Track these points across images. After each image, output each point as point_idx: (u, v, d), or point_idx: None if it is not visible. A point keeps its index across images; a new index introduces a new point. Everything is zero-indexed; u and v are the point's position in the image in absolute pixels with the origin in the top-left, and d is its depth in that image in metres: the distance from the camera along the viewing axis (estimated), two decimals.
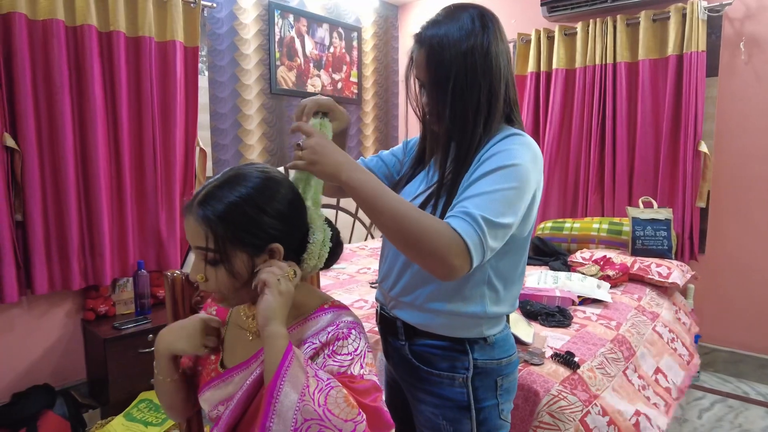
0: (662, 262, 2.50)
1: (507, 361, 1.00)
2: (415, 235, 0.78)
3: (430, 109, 0.94)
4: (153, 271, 2.51)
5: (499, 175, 0.83)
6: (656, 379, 1.80)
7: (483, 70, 0.88)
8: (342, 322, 0.81)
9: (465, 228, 0.78)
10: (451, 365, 0.97)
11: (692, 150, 2.65)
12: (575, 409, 1.36)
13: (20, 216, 2.08)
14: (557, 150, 3.12)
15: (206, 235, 0.75)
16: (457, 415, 0.97)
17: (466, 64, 0.87)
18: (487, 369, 0.97)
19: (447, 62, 0.87)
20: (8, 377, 2.19)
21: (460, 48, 0.87)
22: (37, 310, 2.26)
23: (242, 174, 0.79)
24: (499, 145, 0.87)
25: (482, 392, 0.97)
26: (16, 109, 2.03)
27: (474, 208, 0.80)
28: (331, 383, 0.71)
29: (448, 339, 0.97)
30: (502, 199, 0.82)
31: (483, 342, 0.97)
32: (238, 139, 2.94)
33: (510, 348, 1.02)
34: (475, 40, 0.88)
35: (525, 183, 0.84)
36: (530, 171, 0.86)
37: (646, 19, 2.75)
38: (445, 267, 0.78)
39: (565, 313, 1.90)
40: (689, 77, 2.62)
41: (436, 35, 0.89)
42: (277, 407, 0.67)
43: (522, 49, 3.25)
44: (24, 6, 2.00)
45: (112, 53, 2.24)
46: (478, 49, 0.87)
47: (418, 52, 0.92)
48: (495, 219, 0.80)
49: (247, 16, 2.91)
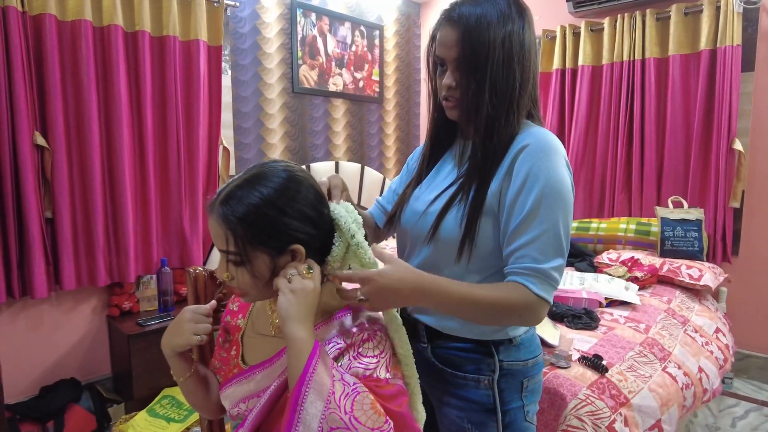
0: (693, 263, 2.42)
1: (533, 362, 0.98)
2: (504, 312, 0.82)
3: (460, 92, 0.88)
4: (176, 268, 2.53)
5: (548, 201, 0.82)
6: (699, 378, 1.73)
7: (519, 58, 0.85)
8: (367, 323, 0.79)
9: (544, 287, 0.82)
10: (476, 367, 0.94)
11: (726, 148, 2.56)
12: (603, 415, 1.31)
13: (50, 213, 2.13)
14: (583, 149, 3.05)
15: (227, 236, 0.74)
16: (482, 417, 0.94)
17: (504, 49, 0.83)
18: (512, 370, 0.95)
19: (486, 43, 0.83)
20: (37, 371, 2.24)
21: (499, 31, 0.83)
22: (65, 306, 2.30)
23: (264, 173, 0.77)
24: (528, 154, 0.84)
25: (508, 394, 0.95)
26: (46, 109, 2.07)
27: (542, 261, 0.82)
28: (358, 388, 0.69)
29: (472, 341, 0.95)
30: (558, 234, 0.83)
31: (509, 343, 0.95)
32: (260, 138, 2.95)
33: (536, 348, 1.00)
34: (512, 25, 0.84)
35: (568, 198, 0.85)
36: (567, 180, 0.85)
37: (678, 13, 2.66)
38: (533, 323, 0.86)
39: (591, 315, 1.85)
40: (723, 72, 2.53)
41: (473, 13, 0.84)
42: (302, 415, 0.66)
43: (547, 46, 3.19)
44: (54, 7, 2.04)
45: (138, 53, 2.28)
46: (515, 36, 0.84)
47: (448, 30, 0.86)
48: (560, 262, 0.83)
49: (270, 15, 2.92)
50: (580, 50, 3.02)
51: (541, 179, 0.83)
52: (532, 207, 0.82)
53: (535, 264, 0.81)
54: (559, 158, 0.85)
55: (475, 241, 0.88)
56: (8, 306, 2.13)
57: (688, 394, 1.62)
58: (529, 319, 0.84)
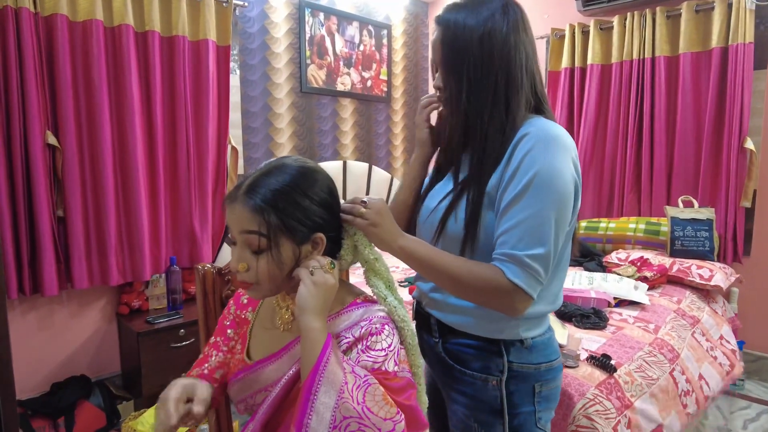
0: (703, 263, 2.39)
1: (547, 367, 0.95)
2: (473, 290, 0.84)
3: (445, 94, 0.93)
4: (185, 267, 2.55)
5: (536, 190, 0.81)
6: (700, 385, 1.72)
7: (500, 57, 0.87)
8: (375, 317, 0.80)
9: (518, 274, 0.80)
10: (485, 366, 0.93)
11: (737, 147, 2.53)
12: (610, 415, 1.31)
13: (61, 212, 2.15)
14: (592, 148, 3.04)
15: (258, 222, 0.75)
16: (489, 418, 0.94)
17: (482, 50, 0.86)
18: (523, 373, 0.93)
19: (460, 46, 0.87)
20: (48, 367, 2.27)
21: (477, 32, 0.86)
22: (76, 304, 2.33)
23: (283, 164, 0.80)
24: (526, 142, 0.84)
25: (518, 397, 0.93)
26: (58, 108, 2.09)
27: (519, 248, 0.81)
28: (369, 380, 0.70)
29: (482, 339, 0.94)
30: (543, 223, 0.81)
31: (519, 344, 0.93)
32: (268, 137, 2.96)
33: (552, 353, 0.97)
34: (493, 25, 0.86)
35: (562, 189, 0.82)
36: (563, 171, 0.83)
37: (689, 11, 2.64)
38: (509, 312, 0.84)
39: (600, 315, 1.84)
40: (735, 70, 2.50)
41: (453, 18, 0.89)
42: (315, 404, 0.67)
43: (556, 45, 3.17)
44: (65, 8, 2.06)
45: (148, 52, 2.29)
46: (496, 36, 0.86)
47: (435, 33, 0.92)
48: (540, 251, 0.81)
49: (278, 14, 2.93)
50: (589, 49, 3.00)
51: (534, 167, 0.82)
52: (518, 193, 0.82)
53: (512, 250, 0.81)
54: (559, 149, 0.84)
55: (477, 236, 0.89)
56: (20, 303, 2.16)
57: (689, 401, 1.61)
58: (503, 305, 0.83)
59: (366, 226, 0.84)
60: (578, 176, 0.87)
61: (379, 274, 0.86)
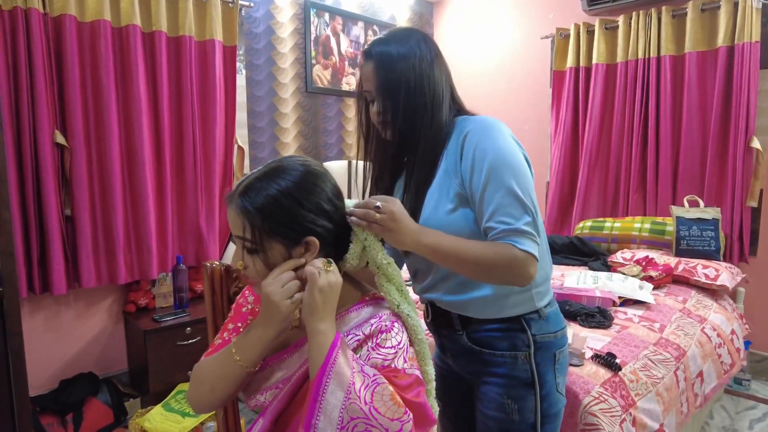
0: (709, 263, 2.39)
1: (561, 334, 1.04)
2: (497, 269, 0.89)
3: (383, 116, 1.01)
4: (192, 266, 2.57)
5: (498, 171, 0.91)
6: (693, 384, 1.72)
7: (429, 79, 0.99)
8: (384, 314, 0.81)
9: (525, 242, 0.88)
10: (512, 344, 1.00)
11: (743, 146, 2.52)
12: (615, 413, 1.31)
13: (69, 211, 2.17)
14: (597, 147, 3.03)
15: (244, 225, 0.77)
16: (522, 392, 1.00)
17: (414, 75, 0.98)
18: (545, 343, 1.01)
19: (395, 73, 0.98)
20: (57, 365, 2.29)
21: (410, 60, 0.98)
22: (83, 302, 2.35)
23: (283, 167, 0.80)
24: (471, 137, 0.95)
25: (543, 367, 1.01)
26: (66, 108, 2.11)
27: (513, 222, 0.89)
28: (378, 380, 0.70)
29: (503, 320, 1.00)
30: (517, 195, 0.90)
31: (538, 317, 1.01)
32: (274, 137, 2.98)
33: (561, 321, 1.07)
34: (420, 54, 0.99)
35: (517, 162, 0.92)
36: (512, 147, 0.94)
37: (694, 10, 2.63)
38: (525, 279, 0.90)
39: (605, 314, 1.84)
40: (741, 70, 2.49)
41: (385, 50, 0.99)
42: (323, 405, 0.67)
43: (561, 45, 3.17)
44: (74, 8, 2.08)
45: (155, 52, 2.31)
46: (424, 63, 0.99)
47: (367, 65, 1.00)
48: (528, 219, 0.90)
49: (284, 15, 2.95)
50: (594, 48, 2.99)
51: (488, 154, 0.92)
52: (485, 181, 0.91)
53: (509, 226, 0.88)
54: (500, 132, 0.95)
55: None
56: (29, 301, 2.18)
57: (682, 399, 1.62)
58: (521, 275, 0.89)
59: (383, 233, 0.84)
60: (521, 147, 0.97)
61: (392, 279, 0.86)
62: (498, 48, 3.53)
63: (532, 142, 3.41)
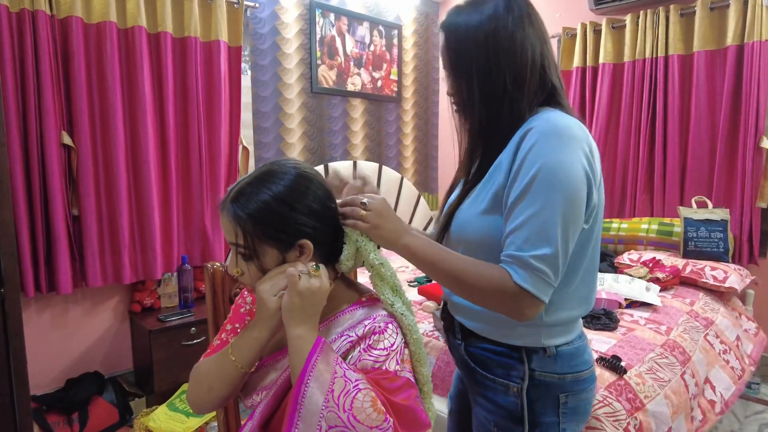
0: (718, 265, 2.36)
1: (573, 378, 0.91)
2: (479, 292, 0.80)
3: (457, 99, 0.92)
4: (197, 266, 2.58)
5: (540, 186, 0.77)
6: (703, 390, 1.70)
7: (506, 56, 0.84)
8: (379, 315, 0.80)
9: (525, 276, 0.76)
10: (506, 372, 0.91)
11: (753, 146, 2.49)
12: (620, 417, 1.29)
13: (76, 210, 2.19)
14: (604, 147, 3.01)
15: (236, 231, 0.77)
16: (509, 424, 0.91)
17: (488, 50, 0.84)
18: (546, 382, 0.90)
19: (465, 49, 0.86)
20: (63, 364, 2.30)
21: (481, 33, 0.84)
22: (89, 301, 2.36)
23: (273, 171, 0.80)
24: (530, 138, 0.81)
25: (540, 406, 0.90)
26: (73, 109, 2.13)
27: (525, 249, 0.76)
28: (360, 385, 0.69)
29: (504, 345, 0.91)
30: (549, 220, 0.76)
31: (542, 352, 0.89)
32: (279, 138, 2.98)
33: (581, 364, 0.92)
34: (497, 24, 0.84)
35: (569, 183, 0.77)
36: (572, 163, 0.78)
37: (703, 8, 2.60)
38: (517, 316, 0.79)
39: (611, 316, 1.82)
40: (751, 69, 2.46)
41: (455, 22, 0.87)
42: (302, 412, 0.67)
43: (567, 44, 3.15)
44: (80, 10, 2.09)
45: (160, 53, 2.32)
46: (500, 34, 0.84)
47: (441, 39, 0.91)
48: (546, 252, 0.76)
49: (289, 15, 2.95)
50: (601, 48, 2.97)
51: (538, 162, 0.78)
52: (522, 191, 0.78)
53: (517, 252, 0.77)
54: (565, 141, 0.79)
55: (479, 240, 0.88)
56: (36, 301, 2.20)
57: (693, 404, 1.59)
58: (510, 309, 0.78)
59: (368, 229, 0.83)
60: (592, 168, 0.81)
61: (385, 279, 0.85)
62: None
63: None
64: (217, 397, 0.82)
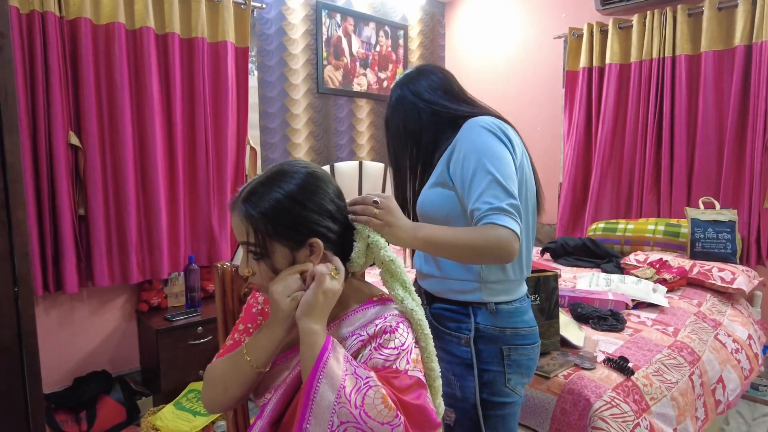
0: (725, 266, 2.34)
1: (512, 332, 1.08)
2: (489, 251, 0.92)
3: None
4: (204, 266, 2.59)
5: (482, 164, 0.98)
6: (713, 389, 1.69)
7: (414, 113, 1.16)
8: (390, 315, 0.80)
9: (507, 220, 0.92)
10: (458, 326, 1.09)
11: (761, 147, 2.47)
12: (627, 419, 1.29)
13: (83, 210, 2.20)
14: (611, 148, 3.00)
15: (247, 230, 0.77)
16: (462, 371, 1.08)
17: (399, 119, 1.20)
18: (488, 334, 1.07)
19: (387, 120, 1.25)
20: (71, 362, 2.32)
21: (396, 111, 1.21)
22: (97, 301, 2.38)
23: (284, 171, 0.81)
24: (459, 140, 1.05)
25: (486, 356, 1.07)
26: (81, 109, 2.14)
27: (497, 202, 0.94)
28: (370, 382, 0.70)
29: (456, 302, 1.10)
30: (499, 181, 0.96)
31: (484, 308, 1.08)
32: (286, 138, 2.99)
33: (520, 322, 1.10)
34: (400, 92, 1.21)
35: (495, 150, 1.00)
36: (490, 139, 1.01)
37: (711, 8, 2.59)
38: (511, 255, 0.93)
39: (618, 317, 1.82)
40: (759, 69, 2.45)
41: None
42: (313, 408, 0.68)
43: (574, 44, 3.14)
44: (89, 11, 2.11)
45: (168, 54, 2.33)
46: (405, 99, 1.19)
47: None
48: (511, 201, 0.95)
49: (296, 16, 2.96)
50: (607, 48, 2.96)
51: (470, 149, 1.01)
52: (472, 171, 0.99)
53: (492, 204, 0.94)
54: (480, 129, 1.03)
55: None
56: (44, 300, 2.22)
57: (698, 404, 1.58)
58: (507, 252, 0.91)
59: (381, 227, 0.86)
60: (507, 137, 1.03)
61: (395, 276, 0.86)
62: (510, 48, 3.50)
63: (544, 142, 3.38)
64: (231, 398, 0.82)
